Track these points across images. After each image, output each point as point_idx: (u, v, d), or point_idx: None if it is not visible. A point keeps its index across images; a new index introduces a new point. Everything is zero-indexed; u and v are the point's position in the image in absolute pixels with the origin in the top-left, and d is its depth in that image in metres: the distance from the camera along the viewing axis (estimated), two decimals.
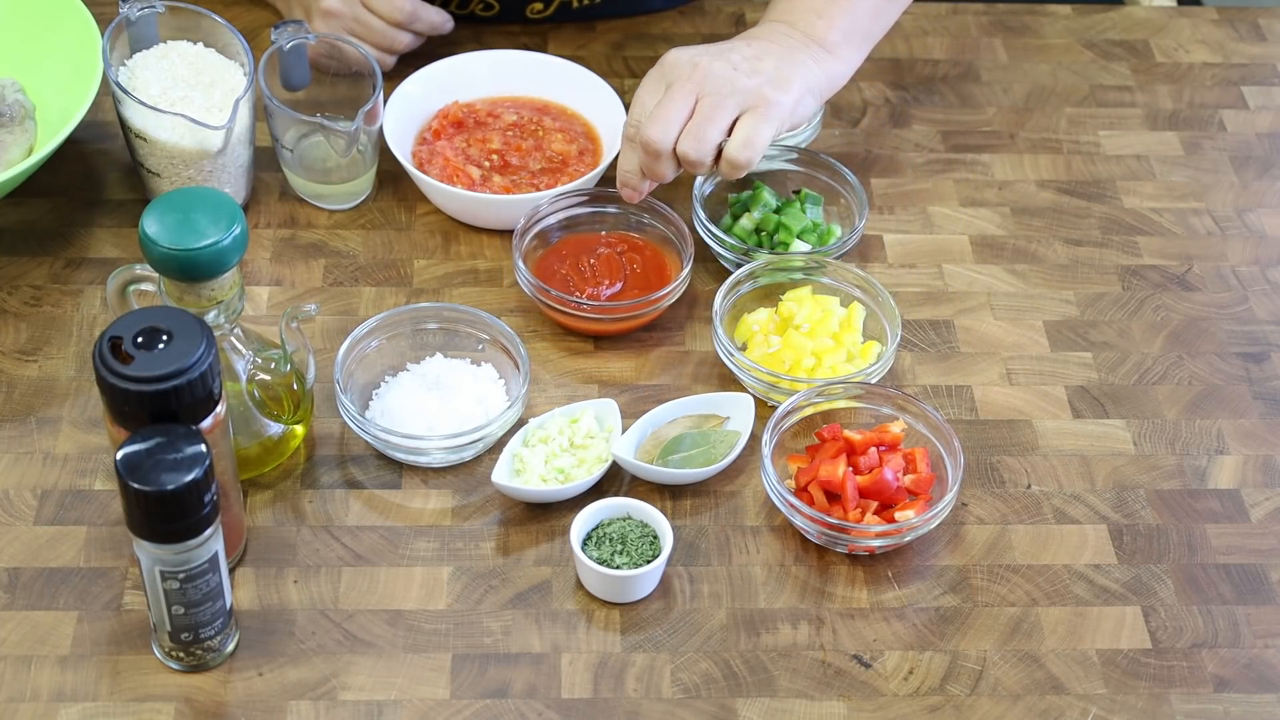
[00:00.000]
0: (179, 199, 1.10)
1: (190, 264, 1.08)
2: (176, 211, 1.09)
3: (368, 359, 1.27)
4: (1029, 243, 1.44)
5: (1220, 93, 1.61)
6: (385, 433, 1.20)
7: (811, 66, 1.33)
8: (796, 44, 1.34)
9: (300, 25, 1.39)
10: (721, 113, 1.28)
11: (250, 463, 1.21)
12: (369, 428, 1.21)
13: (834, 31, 1.35)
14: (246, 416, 1.19)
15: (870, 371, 1.28)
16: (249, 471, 1.21)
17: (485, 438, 1.22)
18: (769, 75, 1.30)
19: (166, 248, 1.08)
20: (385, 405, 1.24)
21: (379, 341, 1.27)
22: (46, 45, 1.40)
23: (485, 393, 1.25)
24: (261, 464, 1.21)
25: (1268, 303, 1.40)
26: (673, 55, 1.32)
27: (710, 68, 1.29)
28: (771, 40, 1.34)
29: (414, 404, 1.23)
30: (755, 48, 1.33)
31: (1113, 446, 1.28)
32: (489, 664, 1.12)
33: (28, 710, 1.08)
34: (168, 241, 1.08)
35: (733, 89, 1.28)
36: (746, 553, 1.20)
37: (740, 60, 1.31)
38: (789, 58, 1.32)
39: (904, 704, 1.12)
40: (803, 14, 1.36)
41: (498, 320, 1.28)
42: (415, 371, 1.27)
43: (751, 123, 1.28)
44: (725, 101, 1.28)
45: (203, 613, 1.07)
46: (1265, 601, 1.19)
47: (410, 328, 1.28)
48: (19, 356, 1.29)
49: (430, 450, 1.21)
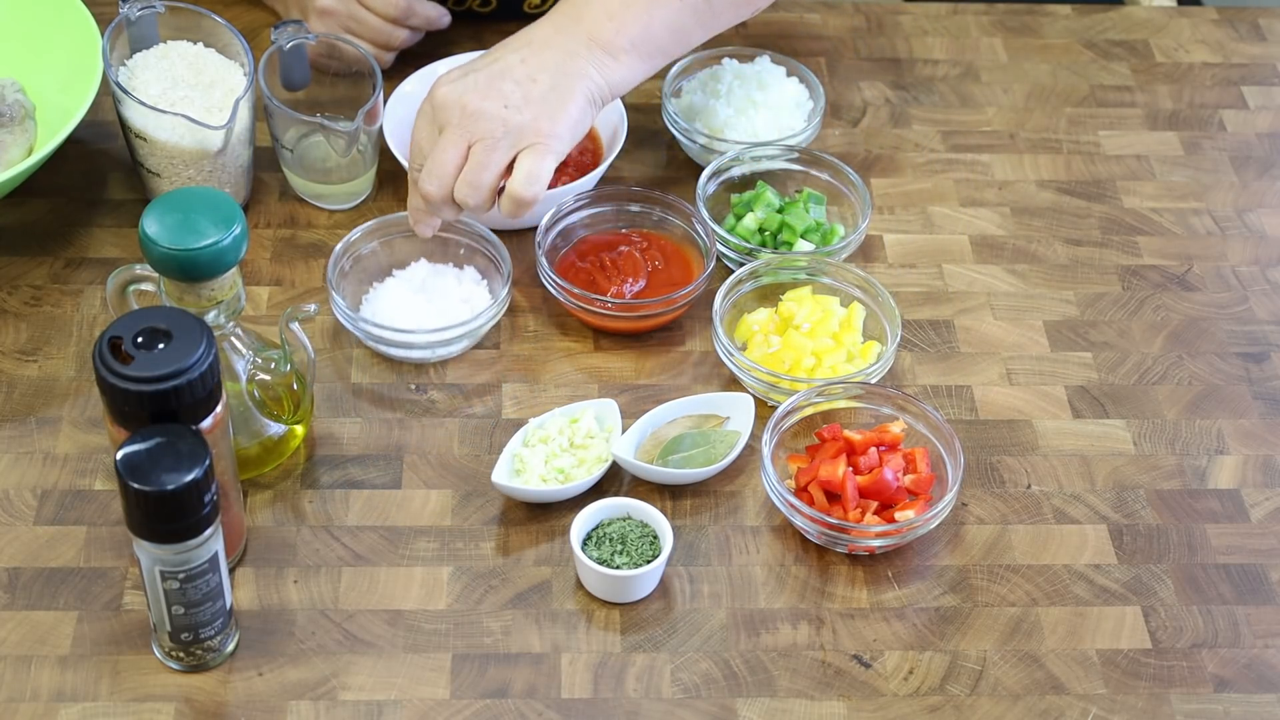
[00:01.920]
0: (179, 199, 1.10)
1: (190, 264, 1.08)
2: (176, 211, 1.09)
3: (358, 263, 1.34)
4: (1029, 243, 1.44)
5: (1220, 93, 1.61)
6: (378, 328, 1.27)
7: (593, 74, 1.27)
8: (579, 46, 1.27)
9: (300, 25, 1.39)
10: (495, 156, 1.23)
11: (250, 463, 1.21)
12: (361, 324, 1.27)
13: (622, 38, 1.27)
14: (246, 416, 1.19)
15: (870, 371, 1.28)
16: (249, 471, 1.21)
17: (472, 331, 1.29)
18: (543, 102, 1.24)
19: (166, 248, 1.08)
20: (375, 308, 1.30)
21: (371, 247, 1.34)
22: (46, 45, 1.40)
23: (469, 293, 1.32)
24: (261, 464, 1.21)
25: (1268, 303, 1.40)
26: (440, 94, 1.26)
27: (480, 110, 1.23)
28: (551, 45, 1.26)
29: (403, 305, 1.29)
30: (531, 64, 1.25)
31: (1113, 446, 1.28)
32: (489, 664, 1.12)
33: (28, 710, 1.08)
34: (168, 241, 1.08)
35: (505, 130, 1.23)
36: (746, 553, 1.20)
37: (512, 89, 1.24)
38: (567, 66, 1.26)
39: (904, 704, 1.12)
40: (594, 12, 1.28)
41: (477, 224, 1.33)
42: (401, 276, 1.34)
43: (531, 160, 1.24)
44: (499, 144, 1.23)
45: (203, 613, 1.07)
46: (1265, 601, 1.19)
47: (398, 234, 1.34)
48: (19, 356, 1.29)
49: (419, 344, 1.27)
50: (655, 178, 1.48)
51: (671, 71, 1.49)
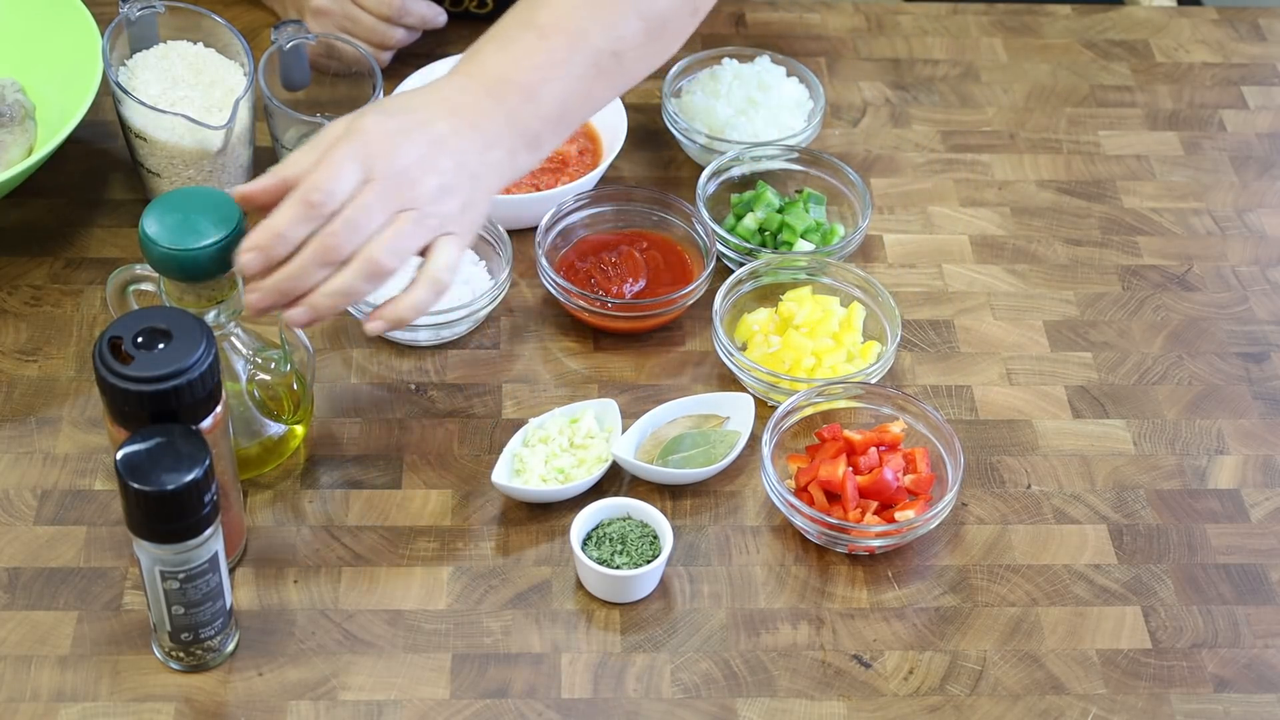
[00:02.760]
0: (179, 199, 1.10)
1: (190, 264, 1.08)
2: (176, 212, 1.09)
3: None
4: (1029, 243, 1.44)
5: (1220, 93, 1.61)
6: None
7: (505, 164, 1.18)
8: (500, 132, 1.17)
9: (300, 25, 1.39)
10: (421, 233, 1.12)
11: (250, 463, 1.21)
12: (364, 308, 1.25)
13: (538, 121, 1.19)
14: (246, 417, 1.19)
15: (870, 371, 1.28)
16: (249, 471, 1.21)
17: (472, 315, 1.30)
18: (469, 190, 1.14)
19: (166, 248, 1.08)
20: (377, 295, 1.24)
21: None
22: (46, 45, 1.40)
23: (469, 274, 1.33)
24: (261, 464, 1.21)
25: (1268, 303, 1.40)
26: (380, 145, 1.11)
27: (419, 183, 1.12)
28: (476, 126, 1.16)
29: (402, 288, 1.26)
30: (461, 141, 1.15)
31: (1113, 446, 1.28)
32: (489, 664, 1.12)
33: (28, 710, 1.08)
34: (168, 241, 1.08)
35: (434, 211, 1.12)
36: (746, 553, 1.20)
37: (447, 168, 1.13)
38: (488, 157, 1.16)
39: (904, 704, 1.12)
40: (513, 93, 1.18)
41: None
42: None
43: (452, 249, 1.13)
44: (425, 223, 1.12)
45: (203, 613, 1.07)
46: (1265, 601, 1.19)
47: None
48: (19, 356, 1.29)
49: (424, 325, 1.28)
50: (655, 178, 1.48)
51: (671, 71, 1.50)
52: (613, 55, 1.22)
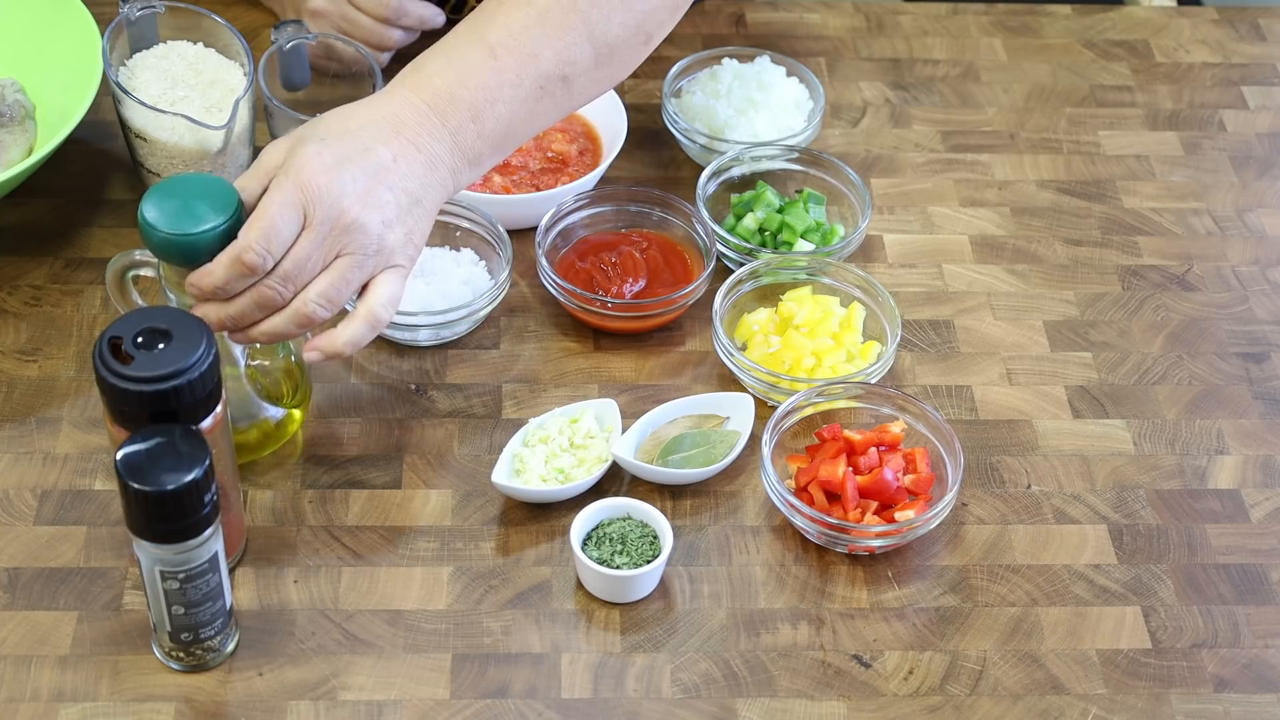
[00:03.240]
0: (177, 185, 1.10)
1: (190, 249, 1.09)
2: (175, 197, 1.09)
3: None
4: (1029, 243, 1.44)
5: (1220, 93, 1.61)
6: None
7: (449, 183, 1.18)
8: (443, 152, 1.16)
9: (300, 25, 1.39)
10: (360, 275, 1.13)
11: (249, 448, 1.21)
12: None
13: (484, 143, 1.18)
14: (244, 401, 1.20)
15: (870, 371, 1.28)
16: (247, 456, 1.21)
17: (472, 315, 1.29)
18: (411, 217, 1.14)
19: (166, 233, 1.08)
20: None
21: None
22: (46, 45, 1.40)
23: (469, 274, 1.33)
24: (260, 448, 1.22)
25: (1268, 303, 1.40)
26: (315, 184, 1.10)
27: (358, 222, 1.11)
28: (418, 146, 1.15)
29: (406, 291, 1.28)
30: (401, 166, 1.14)
31: (1113, 446, 1.28)
32: (489, 664, 1.12)
33: (28, 710, 1.08)
34: (167, 226, 1.08)
35: (377, 248, 1.12)
36: (746, 553, 1.20)
37: (387, 199, 1.12)
38: (429, 178, 1.15)
39: (904, 704, 1.12)
40: (458, 111, 1.17)
41: (467, 206, 1.33)
42: None
43: (393, 282, 1.14)
44: (366, 263, 1.12)
45: (203, 613, 1.07)
46: (1265, 601, 1.19)
47: None
48: (19, 356, 1.29)
49: (424, 325, 1.28)
50: (655, 178, 1.48)
51: (671, 71, 1.50)
52: (561, 79, 1.21)
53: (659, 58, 1.53)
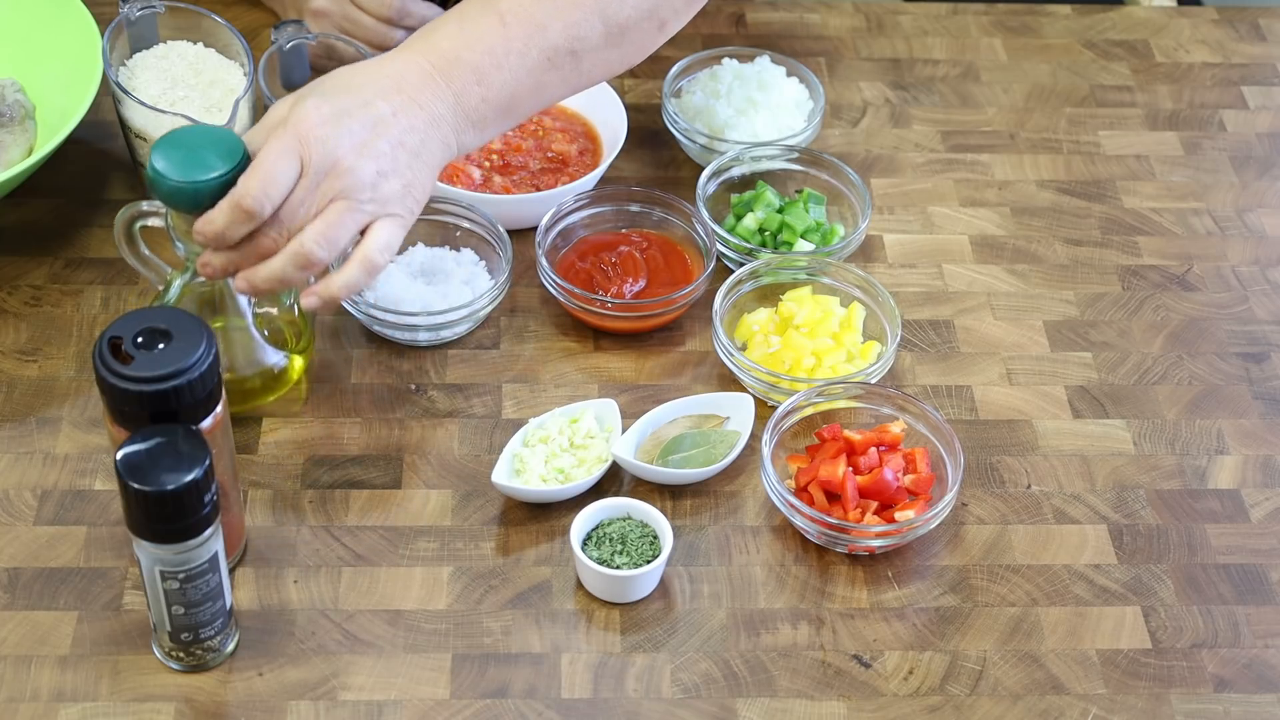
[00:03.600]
0: (182, 136, 1.13)
1: (198, 196, 1.11)
2: (181, 148, 1.12)
3: None
4: (1029, 243, 1.44)
5: (1220, 93, 1.61)
6: (383, 313, 1.28)
7: (451, 142, 1.19)
8: (445, 111, 1.18)
9: (300, 25, 1.39)
10: (356, 218, 1.14)
11: (253, 393, 1.24)
12: (365, 308, 1.28)
13: (487, 106, 1.19)
14: (249, 349, 1.23)
15: (870, 371, 1.28)
16: (251, 402, 1.25)
17: (472, 315, 1.30)
18: (409, 170, 1.16)
19: (175, 180, 1.10)
20: (378, 295, 1.30)
21: None
22: (46, 45, 1.40)
23: (469, 274, 1.33)
24: (264, 394, 1.25)
25: (1268, 303, 1.40)
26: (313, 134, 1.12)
27: (353, 169, 1.13)
28: (419, 103, 1.17)
29: (407, 291, 1.30)
30: (401, 121, 1.15)
31: (1113, 446, 1.28)
32: (489, 664, 1.12)
33: (28, 710, 1.08)
34: (175, 175, 1.10)
35: (372, 196, 1.14)
36: (746, 553, 1.20)
37: (385, 151, 1.14)
38: (431, 134, 1.17)
39: (904, 704, 1.12)
40: (463, 73, 1.18)
41: (467, 206, 1.34)
42: (400, 261, 1.34)
43: (389, 230, 1.15)
44: (362, 208, 1.14)
45: (203, 613, 1.07)
46: (1265, 601, 1.19)
47: None
48: (19, 356, 1.29)
49: (424, 326, 1.29)
50: (655, 178, 1.48)
51: (671, 71, 1.50)
52: (570, 54, 1.23)
53: (659, 58, 1.53)
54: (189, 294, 1.21)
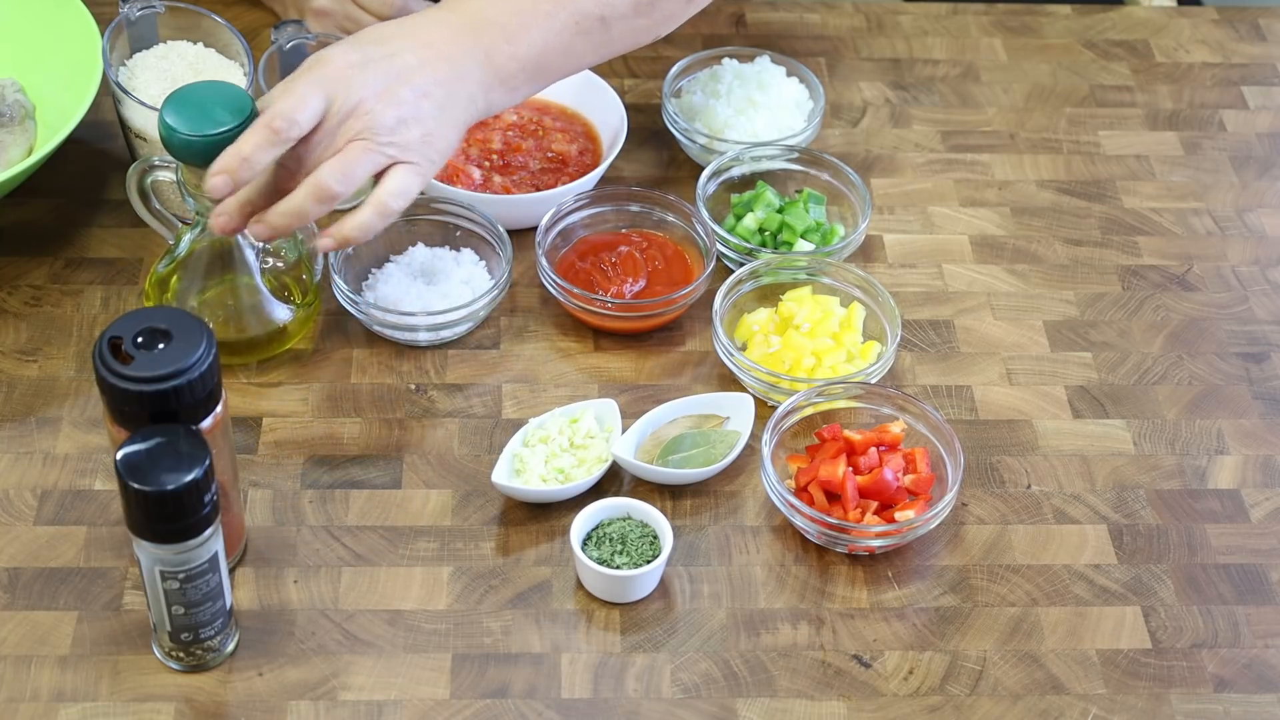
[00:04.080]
0: (192, 93, 1.16)
1: (209, 150, 1.13)
2: (191, 104, 1.15)
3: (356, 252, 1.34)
4: (1029, 243, 1.44)
5: (1220, 93, 1.61)
6: (383, 312, 1.28)
7: (479, 98, 1.21)
8: (473, 66, 1.20)
9: (300, 25, 1.39)
10: (373, 159, 1.16)
11: (257, 346, 1.27)
12: (365, 308, 1.28)
13: (515, 63, 1.22)
14: (256, 303, 1.25)
15: (870, 371, 1.28)
16: (255, 354, 1.27)
17: (474, 312, 1.30)
18: (433, 121, 1.18)
19: (186, 134, 1.13)
20: (378, 295, 1.31)
21: None
22: (46, 45, 1.40)
23: (469, 274, 1.33)
24: (267, 348, 1.28)
25: (1268, 303, 1.40)
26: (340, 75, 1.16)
27: (374, 113, 1.15)
28: (446, 58, 1.19)
29: (407, 291, 1.30)
30: (427, 73, 1.18)
31: (1113, 446, 1.28)
32: (489, 664, 1.12)
33: (28, 710, 1.08)
34: (187, 129, 1.13)
35: (391, 140, 1.16)
36: (746, 553, 1.20)
37: (408, 98, 1.16)
38: (457, 87, 1.19)
39: (904, 704, 1.12)
40: (491, 30, 1.21)
41: (467, 206, 1.34)
42: (400, 262, 1.34)
43: (406, 176, 1.17)
44: (381, 151, 1.16)
45: (203, 613, 1.07)
46: (1265, 601, 1.19)
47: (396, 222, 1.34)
48: (19, 356, 1.29)
49: (424, 326, 1.29)
50: (655, 178, 1.48)
51: (671, 71, 1.50)
52: (599, 19, 1.25)
53: (659, 58, 1.53)
54: (198, 249, 1.23)
